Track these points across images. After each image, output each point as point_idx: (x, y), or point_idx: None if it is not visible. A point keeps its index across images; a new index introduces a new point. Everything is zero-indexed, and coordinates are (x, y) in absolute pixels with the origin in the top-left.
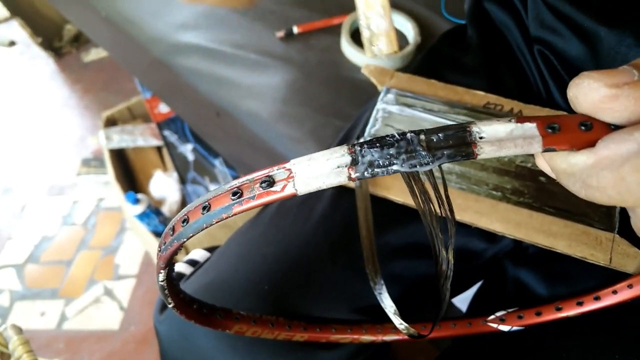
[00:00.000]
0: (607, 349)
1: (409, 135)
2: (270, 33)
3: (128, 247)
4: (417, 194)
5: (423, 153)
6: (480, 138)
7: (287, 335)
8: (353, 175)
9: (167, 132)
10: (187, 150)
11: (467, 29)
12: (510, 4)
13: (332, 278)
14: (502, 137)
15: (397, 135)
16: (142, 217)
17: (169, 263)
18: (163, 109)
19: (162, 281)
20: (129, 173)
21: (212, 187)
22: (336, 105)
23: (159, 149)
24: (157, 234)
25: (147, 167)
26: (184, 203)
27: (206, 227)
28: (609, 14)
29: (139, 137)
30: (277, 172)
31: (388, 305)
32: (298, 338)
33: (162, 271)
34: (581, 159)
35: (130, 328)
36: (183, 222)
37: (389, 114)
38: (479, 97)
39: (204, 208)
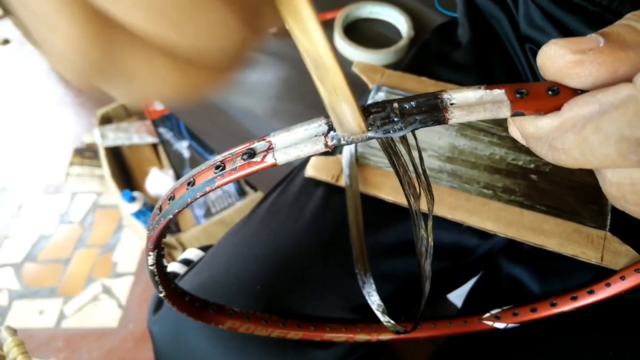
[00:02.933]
0: (601, 345)
1: (382, 103)
2: None
3: (126, 244)
4: (395, 162)
5: (396, 119)
6: (451, 104)
7: (281, 333)
8: (329, 143)
9: (162, 130)
10: (183, 147)
11: (459, 24)
12: (502, 0)
13: (325, 277)
14: (472, 102)
15: (371, 105)
16: (138, 214)
17: (158, 244)
18: (158, 106)
19: (151, 265)
20: (125, 171)
21: None
22: None
23: (154, 146)
24: None
25: (143, 164)
26: None
27: (191, 202)
28: (593, 16)
29: (134, 135)
30: (257, 144)
31: (375, 302)
32: (292, 336)
33: (151, 253)
34: (547, 122)
35: (129, 326)
36: (169, 199)
37: None
38: None
39: (188, 184)
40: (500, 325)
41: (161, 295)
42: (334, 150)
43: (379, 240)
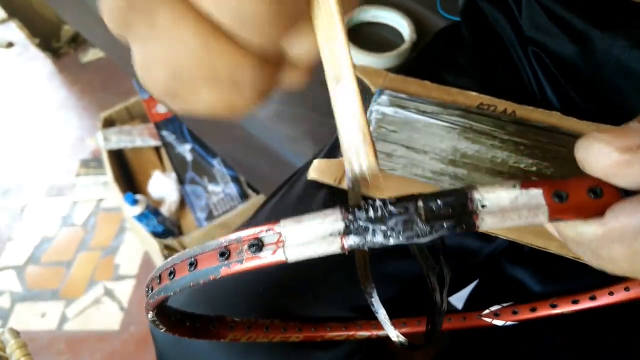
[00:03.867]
0: (601, 346)
1: (405, 202)
2: None
3: (128, 247)
4: (416, 253)
5: (421, 225)
6: (483, 207)
7: (282, 337)
8: (346, 246)
9: (165, 133)
10: (186, 150)
11: (462, 28)
12: (505, 3)
13: (328, 279)
14: (506, 205)
15: (393, 203)
16: (141, 218)
17: (158, 306)
18: (161, 109)
19: (152, 319)
20: (128, 174)
21: (210, 187)
22: None
23: (157, 149)
24: (156, 235)
25: (146, 167)
26: (182, 203)
27: (194, 286)
28: (601, 17)
29: (137, 138)
30: (266, 234)
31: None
32: (294, 339)
33: (151, 312)
34: (590, 230)
35: (131, 328)
36: (170, 274)
37: (382, 115)
38: (472, 98)
39: (190, 265)
40: (499, 322)
41: (162, 331)
42: (337, 152)
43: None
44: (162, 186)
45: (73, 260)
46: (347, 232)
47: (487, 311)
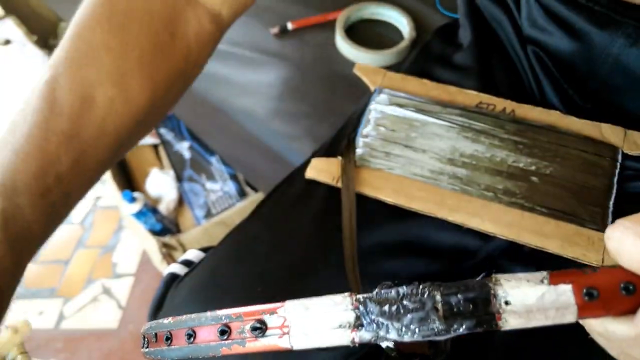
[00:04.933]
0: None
1: (421, 296)
2: (265, 29)
3: (126, 245)
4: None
5: (438, 323)
6: (506, 303)
7: None
8: (357, 340)
9: (163, 130)
10: (184, 148)
11: (460, 26)
12: (503, 1)
13: (327, 278)
14: (532, 304)
15: (408, 295)
16: (138, 215)
17: None
18: None
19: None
20: (125, 171)
21: (208, 184)
22: (332, 101)
23: (155, 146)
24: (154, 232)
25: (144, 165)
26: (180, 201)
27: (191, 358)
28: (600, 15)
29: None
30: (269, 317)
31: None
32: None
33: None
34: (621, 329)
35: (129, 326)
36: (166, 339)
37: (381, 114)
38: (471, 96)
39: (188, 336)
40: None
41: None
42: (335, 150)
43: (380, 240)
44: (160, 184)
45: (70, 258)
46: (357, 324)
47: None
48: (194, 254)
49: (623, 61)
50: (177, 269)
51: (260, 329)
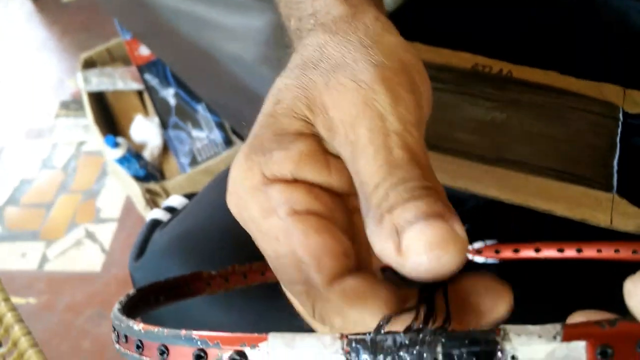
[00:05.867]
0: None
1: (423, 346)
2: None
3: (109, 191)
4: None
5: None
6: (513, 358)
7: (261, 280)
8: None
9: (148, 76)
10: (169, 94)
11: None
12: None
13: None
14: (540, 359)
15: (406, 345)
16: (122, 161)
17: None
18: (144, 51)
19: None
20: (109, 117)
21: (194, 132)
22: None
23: (139, 93)
24: (138, 178)
25: (128, 111)
26: (165, 148)
27: None
28: None
29: (118, 80)
30: (250, 351)
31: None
32: (272, 280)
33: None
34: None
35: (112, 270)
36: (137, 347)
37: None
38: (466, 58)
39: (161, 352)
40: (479, 259)
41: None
42: None
43: None
44: (144, 130)
45: (53, 203)
46: None
47: (469, 247)
48: (177, 201)
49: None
50: (160, 215)
51: None
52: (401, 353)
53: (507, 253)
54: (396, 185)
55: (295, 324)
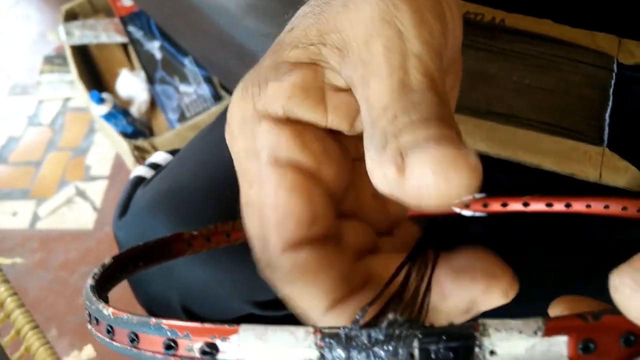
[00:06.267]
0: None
1: (399, 342)
2: None
3: (99, 148)
4: None
5: None
6: (491, 353)
7: (244, 239)
8: None
9: (132, 28)
10: (154, 47)
11: None
12: None
13: None
14: (519, 354)
15: (381, 342)
16: (108, 117)
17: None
18: (126, 1)
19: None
20: (94, 72)
21: (182, 87)
22: None
23: (124, 46)
24: (126, 135)
25: (113, 65)
26: (153, 104)
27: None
28: None
29: (102, 33)
30: (221, 343)
31: None
32: None
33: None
34: None
35: (105, 228)
36: (108, 332)
37: None
38: None
39: (131, 339)
40: (467, 212)
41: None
42: None
43: None
44: (131, 85)
45: (42, 160)
46: None
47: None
48: (161, 157)
49: None
50: (144, 171)
51: (211, 353)
52: (376, 349)
53: (496, 207)
54: (407, 110)
55: None
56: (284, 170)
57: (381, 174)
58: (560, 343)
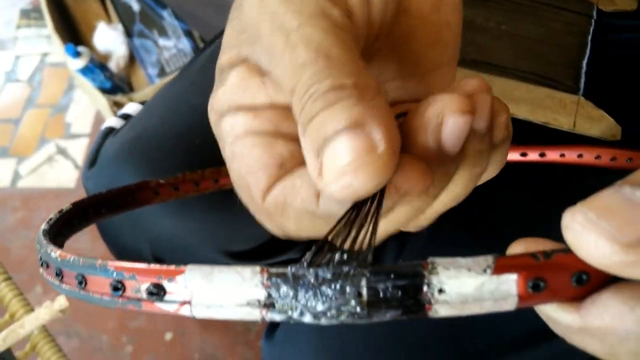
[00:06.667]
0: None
1: (346, 280)
2: None
3: (78, 105)
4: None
5: (359, 310)
6: (440, 291)
7: (214, 188)
8: (267, 319)
9: None
10: None
11: None
12: None
13: None
14: (468, 293)
15: (329, 280)
16: (85, 71)
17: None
18: None
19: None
20: (71, 25)
21: (161, 41)
22: None
23: None
24: (104, 91)
25: (89, 18)
26: (132, 59)
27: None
28: None
29: None
30: (168, 283)
31: None
32: (228, 187)
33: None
34: (565, 318)
35: None
36: (57, 275)
37: None
38: None
39: (79, 282)
40: None
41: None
42: None
43: None
44: (108, 39)
45: (21, 118)
46: (268, 303)
47: None
48: (133, 108)
49: None
50: (115, 122)
51: (157, 294)
52: (323, 288)
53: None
54: (308, 88)
55: (255, 231)
56: (243, 139)
57: (307, 161)
58: (510, 281)
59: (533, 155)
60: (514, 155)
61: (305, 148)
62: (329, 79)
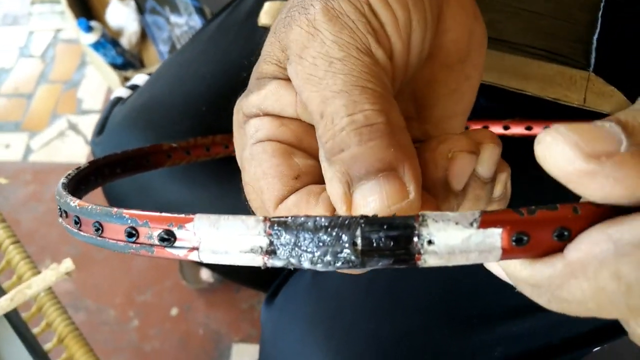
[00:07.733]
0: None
1: (342, 229)
2: None
3: (90, 81)
4: None
5: (353, 258)
6: (429, 243)
7: (225, 153)
8: (268, 265)
9: None
10: None
11: None
12: None
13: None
14: (455, 245)
15: (326, 227)
16: (97, 46)
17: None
18: None
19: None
20: (84, 1)
21: (173, 18)
22: None
23: None
24: (116, 66)
25: None
26: (143, 34)
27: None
28: None
29: None
30: (178, 230)
31: None
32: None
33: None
34: (547, 270)
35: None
36: (75, 223)
37: None
38: None
39: (96, 228)
40: None
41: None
42: None
43: None
44: (121, 15)
45: (34, 93)
46: (269, 250)
47: None
48: (141, 79)
49: None
50: (123, 92)
51: (169, 240)
52: (320, 234)
53: (477, 129)
54: (340, 115)
55: None
56: (265, 143)
57: (331, 187)
58: (495, 235)
59: (538, 130)
60: (519, 129)
61: (329, 174)
62: (362, 113)
